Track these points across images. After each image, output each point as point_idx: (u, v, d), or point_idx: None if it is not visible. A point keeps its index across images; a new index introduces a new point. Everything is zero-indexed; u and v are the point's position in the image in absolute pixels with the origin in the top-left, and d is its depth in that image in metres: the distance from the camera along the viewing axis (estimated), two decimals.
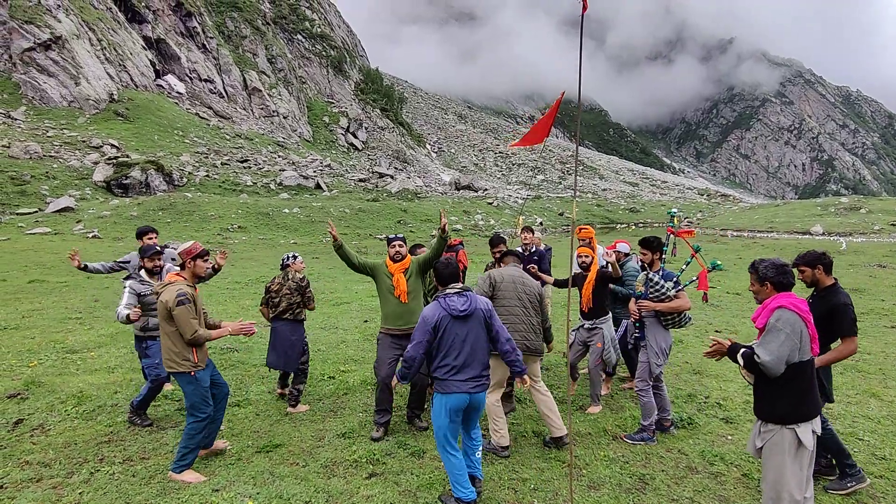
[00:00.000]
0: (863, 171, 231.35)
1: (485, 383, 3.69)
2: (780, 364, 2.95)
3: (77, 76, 49.69)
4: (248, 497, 3.70)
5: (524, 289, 4.60)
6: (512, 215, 43.68)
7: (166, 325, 3.93)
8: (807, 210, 45.44)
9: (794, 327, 2.97)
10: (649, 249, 4.75)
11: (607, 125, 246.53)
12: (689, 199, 78.65)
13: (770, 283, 3.19)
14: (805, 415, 3.04)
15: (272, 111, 71.59)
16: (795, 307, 3.03)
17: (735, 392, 5.95)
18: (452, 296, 3.67)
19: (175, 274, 4.12)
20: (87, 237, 24.34)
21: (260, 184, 44.54)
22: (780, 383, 3.01)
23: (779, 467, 3.00)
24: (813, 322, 3.55)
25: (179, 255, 4.11)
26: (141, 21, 63.67)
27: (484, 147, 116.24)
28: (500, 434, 4.41)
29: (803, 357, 3.00)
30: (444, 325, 3.59)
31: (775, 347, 2.94)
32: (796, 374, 3.01)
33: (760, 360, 2.95)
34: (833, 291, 3.91)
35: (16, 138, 39.12)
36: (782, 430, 3.02)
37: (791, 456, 2.99)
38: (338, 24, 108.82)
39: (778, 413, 3.05)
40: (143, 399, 4.88)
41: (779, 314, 3.02)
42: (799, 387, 3.03)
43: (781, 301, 3.07)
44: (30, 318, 9.37)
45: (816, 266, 3.95)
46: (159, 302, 3.93)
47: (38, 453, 4.31)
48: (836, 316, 3.81)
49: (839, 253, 23.35)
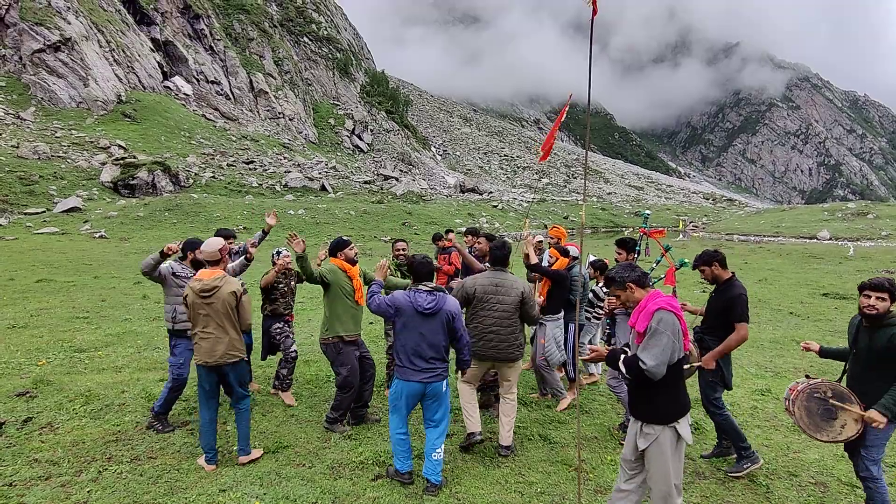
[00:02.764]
0: (870, 177, 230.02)
1: (441, 374, 3.93)
2: (664, 367, 2.92)
3: (86, 77, 50.12)
4: (254, 497, 3.71)
5: (499, 298, 4.43)
6: (517, 218, 43.65)
7: (232, 314, 4.12)
8: (813, 215, 45.20)
9: (673, 328, 2.96)
10: (624, 249, 5.05)
11: (612, 129, 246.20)
12: (695, 204, 78.42)
13: (631, 283, 3.17)
14: (682, 410, 3.08)
15: (278, 113, 71.95)
16: (671, 306, 3.03)
17: (741, 397, 5.92)
18: (423, 293, 3.88)
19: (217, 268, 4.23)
20: (94, 237, 24.52)
21: (265, 185, 44.74)
22: (658, 383, 2.99)
23: (664, 465, 3.01)
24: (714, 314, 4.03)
25: (212, 252, 4.22)
26: (149, 23, 64.21)
27: (489, 150, 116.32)
28: (471, 420, 4.44)
29: (680, 355, 3.03)
30: (406, 313, 3.86)
31: (658, 352, 2.90)
32: (674, 373, 3.01)
33: (647, 366, 2.90)
34: (729, 285, 4.15)
35: (25, 139, 39.48)
36: (664, 429, 3.02)
37: (672, 451, 3.02)
38: (344, 26, 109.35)
39: (660, 413, 3.04)
40: (165, 402, 4.82)
41: (659, 316, 2.97)
42: (674, 384, 3.05)
43: (659, 302, 3.04)
44: (38, 317, 9.44)
45: (712, 263, 4.20)
46: (226, 293, 4.08)
47: (47, 451, 4.33)
48: (730, 305, 4.04)
49: (847, 258, 23.20)
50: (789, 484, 4.13)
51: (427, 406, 4.00)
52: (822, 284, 15.03)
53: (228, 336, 4.12)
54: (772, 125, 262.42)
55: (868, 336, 3.35)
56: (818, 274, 17.89)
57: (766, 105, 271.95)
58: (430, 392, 3.90)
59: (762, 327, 9.73)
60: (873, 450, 3.34)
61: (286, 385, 5.61)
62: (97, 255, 19.33)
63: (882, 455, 3.39)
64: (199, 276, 4.17)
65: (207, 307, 4.07)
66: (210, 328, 4.09)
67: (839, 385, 3.45)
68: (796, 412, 3.50)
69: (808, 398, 3.47)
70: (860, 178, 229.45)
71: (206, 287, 4.06)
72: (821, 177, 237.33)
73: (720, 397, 4.26)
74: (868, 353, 3.35)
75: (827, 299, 12.71)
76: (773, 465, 4.41)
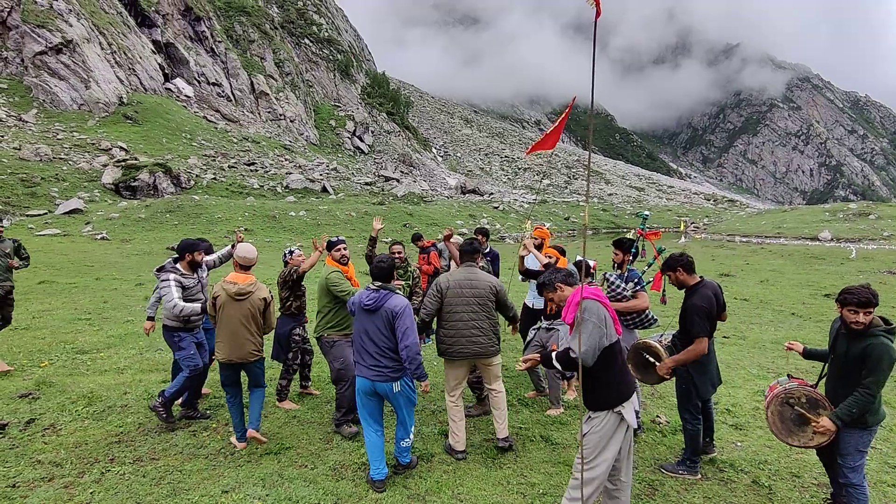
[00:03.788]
0: (872, 177, 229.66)
1: (387, 375, 3.91)
2: (595, 352, 3.09)
3: (87, 79, 50.23)
4: (257, 499, 3.71)
5: (473, 291, 4.42)
6: (518, 219, 43.63)
7: (259, 317, 4.47)
8: (815, 215, 45.11)
9: (598, 315, 3.13)
10: (620, 249, 4.99)
11: (613, 130, 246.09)
12: (696, 205, 78.37)
13: (559, 283, 3.38)
14: (625, 394, 3.20)
15: (279, 115, 72.03)
16: (595, 295, 3.21)
17: (744, 399, 5.92)
18: (368, 290, 3.99)
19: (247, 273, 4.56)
20: (96, 239, 24.55)
21: (266, 187, 44.78)
22: (600, 372, 3.16)
23: (598, 443, 3.16)
24: (680, 320, 4.07)
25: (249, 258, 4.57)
26: (150, 25, 64.34)
27: (490, 151, 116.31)
28: (456, 438, 4.39)
29: (611, 340, 3.17)
30: (355, 310, 4.04)
31: (586, 338, 3.07)
32: (609, 358, 3.16)
33: (576, 353, 3.07)
34: (691, 292, 4.09)
35: (27, 140, 39.57)
36: (609, 413, 3.18)
37: (611, 434, 3.17)
38: (345, 28, 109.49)
39: (603, 400, 3.19)
40: (179, 390, 4.80)
41: (584, 305, 3.14)
42: (614, 370, 3.19)
43: (583, 294, 3.18)
44: (40, 318, 9.46)
45: (676, 269, 4.15)
46: (257, 298, 4.44)
47: (50, 453, 4.34)
48: (686, 317, 4.01)
49: (849, 259, 23.17)
50: (792, 485, 4.13)
51: (392, 404, 4.09)
52: (824, 285, 15.01)
53: (253, 337, 4.47)
54: (773, 126, 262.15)
55: (846, 343, 3.36)
56: (820, 275, 17.86)
57: (767, 106, 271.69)
58: (380, 391, 3.98)
59: (764, 328, 9.72)
60: (849, 458, 3.35)
61: (285, 394, 5.54)
62: (99, 257, 19.35)
63: (861, 462, 3.36)
64: (232, 279, 4.45)
65: (237, 309, 4.39)
66: (237, 329, 4.41)
67: (815, 391, 3.46)
68: (769, 416, 3.56)
69: (781, 403, 3.51)
70: (861, 178, 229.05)
71: (242, 291, 4.41)
72: (822, 177, 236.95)
73: (698, 405, 4.14)
74: (844, 359, 3.37)
75: (829, 300, 12.69)
76: (776, 465, 4.41)
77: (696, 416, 4.14)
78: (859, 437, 3.32)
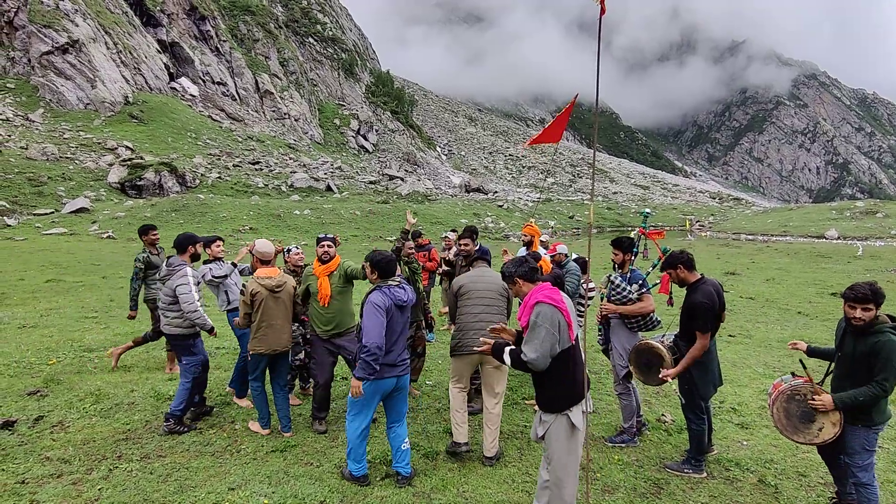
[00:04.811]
0: (879, 175, 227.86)
1: (409, 366, 4.08)
2: (546, 359, 3.05)
3: (93, 79, 50.53)
4: (263, 496, 3.73)
5: (485, 285, 4.51)
6: (522, 218, 43.56)
7: (291, 307, 4.74)
8: (821, 214, 44.84)
9: (552, 320, 3.07)
10: (620, 250, 4.79)
11: (618, 128, 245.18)
12: (702, 203, 78.05)
13: (519, 278, 3.29)
14: (574, 399, 3.16)
15: (284, 114, 72.22)
16: (551, 299, 3.13)
17: (750, 397, 5.90)
18: (395, 287, 3.90)
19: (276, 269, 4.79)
20: (102, 237, 24.71)
21: (271, 185, 44.93)
22: (551, 375, 3.14)
23: (560, 452, 3.15)
24: (682, 319, 4.04)
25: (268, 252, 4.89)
26: (156, 25, 64.64)
27: (494, 150, 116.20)
28: (458, 430, 4.35)
29: (564, 346, 3.12)
30: (391, 312, 3.84)
31: (538, 344, 3.04)
32: (560, 364, 3.12)
33: (527, 358, 3.06)
34: (693, 289, 4.07)
35: (33, 140, 39.85)
36: (558, 417, 3.16)
37: (567, 439, 3.15)
38: (349, 27, 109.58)
39: (553, 403, 3.17)
40: (185, 404, 4.81)
41: (538, 310, 3.10)
42: (565, 374, 3.15)
43: (538, 296, 3.15)
44: (48, 316, 9.53)
45: (677, 266, 4.13)
46: (290, 288, 4.73)
47: (58, 449, 4.38)
48: (690, 314, 4.00)
49: (856, 256, 23.02)
50: (798, 484, 4.11)
51: (395, 400, 4.09)
52: (831, 284, 14.92)
53: (289, 326, 4.73)
54: (779, 123, 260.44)
55: (853, 341, 3.34)
56: (826, 273, 17.75)
57: (773, 103, 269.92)
58: (400, 384, 4.05)
59: (770, 327, 9.68)
60: (857, 457, 3.33)
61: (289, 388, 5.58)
62: (105, 256, 19.48)
63: (870, 461, 3.34)
64: (263, 274, 4.63)
65: (275, 301, 4.59)
66: (277, 320, 4.61)
67: (820, 388, 3.44)
68: (775, 413, 3.54)
69: (787, 399, 3.50)
70: (869, 176, 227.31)
71: (278, 284, 4.63)
72: (829, 175, 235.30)
73: (702, 405, 4.13)
74: (851, 357, 3.35)
75: (835, 299, 12.62)
76: (783, 465, 4.39)
77: (700, 417, 4.14)
78: (865, 436, 3.30)
